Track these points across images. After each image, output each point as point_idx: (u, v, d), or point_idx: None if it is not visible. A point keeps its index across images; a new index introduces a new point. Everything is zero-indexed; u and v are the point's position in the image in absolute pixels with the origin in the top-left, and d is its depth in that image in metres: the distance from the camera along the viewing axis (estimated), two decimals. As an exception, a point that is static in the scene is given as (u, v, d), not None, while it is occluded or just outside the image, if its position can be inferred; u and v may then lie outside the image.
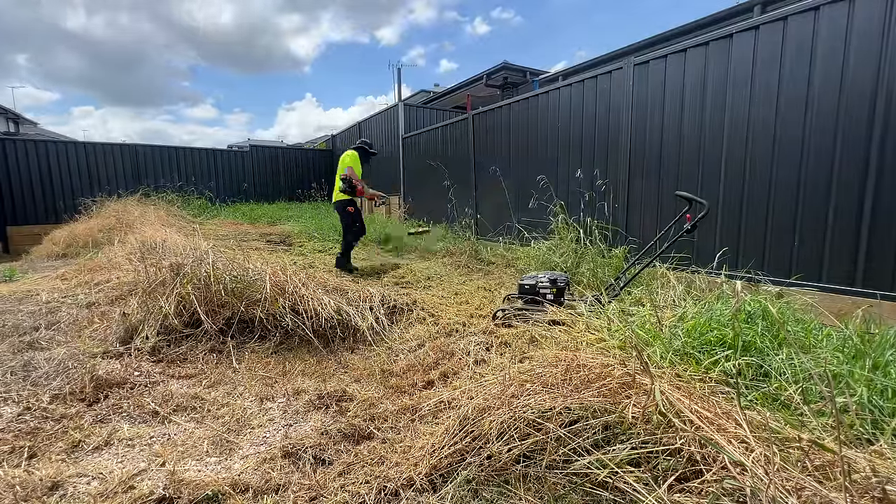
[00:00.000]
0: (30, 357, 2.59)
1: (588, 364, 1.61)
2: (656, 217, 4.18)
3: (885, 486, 0.96)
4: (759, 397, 1.55)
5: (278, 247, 6.92)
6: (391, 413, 1.98)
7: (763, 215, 3.38)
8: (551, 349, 1.96)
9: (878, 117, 2.79)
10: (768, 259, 3.37)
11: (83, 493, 1.52)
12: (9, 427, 1.92)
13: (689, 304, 2.40)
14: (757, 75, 3.36)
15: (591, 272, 4.00)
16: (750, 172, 3.44)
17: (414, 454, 1.62)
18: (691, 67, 3.80)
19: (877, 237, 2.84)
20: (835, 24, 2.94)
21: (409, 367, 2.49)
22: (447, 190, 7.64)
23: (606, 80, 4.60)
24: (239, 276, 2.99)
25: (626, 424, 1.38)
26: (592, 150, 4.83)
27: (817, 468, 1.10)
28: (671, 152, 4.01)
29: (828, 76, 2.99)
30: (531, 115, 5.69)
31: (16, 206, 9.03)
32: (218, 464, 1.71)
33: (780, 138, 3.26)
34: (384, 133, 10.80)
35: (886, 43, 2.74)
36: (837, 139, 2.97)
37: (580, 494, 1.32)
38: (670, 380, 1.52)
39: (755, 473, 1.05)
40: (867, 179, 2.86)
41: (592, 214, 4.75)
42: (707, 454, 1.20)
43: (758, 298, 2.00)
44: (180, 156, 11.61)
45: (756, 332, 1.81)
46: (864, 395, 1.46)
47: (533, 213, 5.54)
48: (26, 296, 4.09)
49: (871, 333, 1.87)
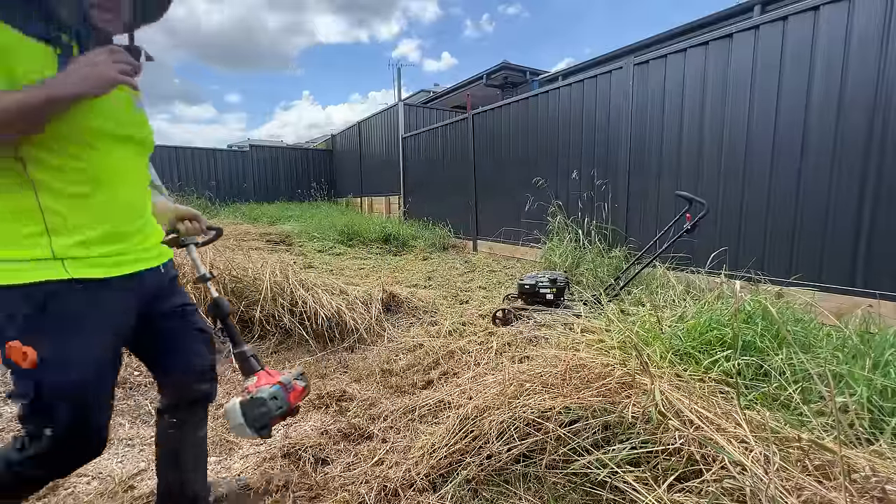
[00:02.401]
0: (29, 357, 2.59)
1: (588, 364, 1.61)
2: (656, 217, 4.18)
3: (884, 486, 0.96)
4: (759, 397, 1.55)
5: (278, 246, 6.92)
6: (391, 413, 1.98)
7: (763, 215, 3.38)
8: (551, 349, 1.96)
9: (877, 116, 2.79)
10: (768, 259, 3.38)
11: (83, 493, 1.52)
12: (9, 427, 1.92)
13: (689, 303, 2.41)
14: (757, 74, 3.36)
15: (591, 272, 4.00)
16: (750, 172, 3.44)
17: (414, 454, 1.62)
18: (691, 67, 3.80)
19: (877, 237, 2.84)
20: (835, 23, 2.94)
21: (409, 366, 2.49)
22: (447, 190, 7.65)
23: (606, 80, 4.60)
24: (238, 275, 2.99)
25: (625, 424, 1.38)
26: (592, 149, 4.83)
27: (817, 468, 1.10)
28: (671, 152, 4.01)
29: (828, 76, 2.99)
30: (531, 115, 5.69)
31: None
32: (218, 464, 1.71)
33: (780, 137, 3.26)
34: (384, 133, 10.80)
35: (887, 43, 2.74)
36: (838, 139, 2.97)
37: (580, 494, 1.32)
38: (670, 380, 1.52)
39: (755, 473, 1.05)
40: (867, 179, 2.86)
41: (592, 214, 4.75)
42: (707, 454, 1.20)
43: (757, 298, 2.00)
44: (180, 155, 11.61)
45: (756, 331, 1.82)
46: (863, 395, 1.46)
47: (533, 213, 5.55)
48: (26, 296, 4.08)
49: (870, 333, 1.87)
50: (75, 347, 0.88)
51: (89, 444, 0.95)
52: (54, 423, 0.88)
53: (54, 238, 0.87)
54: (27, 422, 0.90)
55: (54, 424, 0.88)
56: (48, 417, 0.88)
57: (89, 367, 0.90)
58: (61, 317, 0.87)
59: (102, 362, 0.94)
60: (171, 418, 1.21)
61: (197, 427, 1.26)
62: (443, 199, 7.83)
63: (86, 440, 0.93)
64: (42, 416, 0.88)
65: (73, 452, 0.93)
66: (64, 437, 0.90)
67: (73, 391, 0.88)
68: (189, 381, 1.19)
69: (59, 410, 0.88)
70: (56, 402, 0.88)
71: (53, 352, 0.86)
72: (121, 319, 1.00)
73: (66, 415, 0.89)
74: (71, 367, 0.87)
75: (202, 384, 1.22)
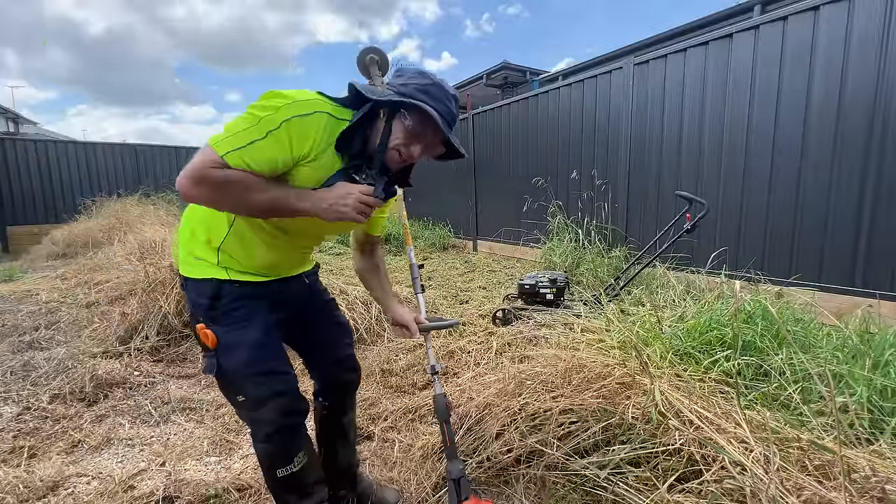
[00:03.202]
0: (30, 357, 2.60)
1: (588, 364, 1.61)
2: (656, 217, 4.18)
3: (884, 486, 0.96)
4: (759, 397, 1.55)
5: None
6: (391, 413, 1.98)
7: (763, 215, 3.38)
8: (551, 349, 1.96)
9: (877, 116, 2.79)
10: (768, 259, 3.38)
11: (83, 493, 1.52)
12: (9, 427, 1.93)
13: (689, 303, 2.40)
14: (757, 74, 3.36)
15: (591, 272, 4.00)
16: (750, 172, 3.44)
17: (414, 454, 1.62)
18: (691, 67, 3.80)
19: (877, 236, 2.84)
20: (835, 24, 2.94)
21: (409, 366, 2.49)
22: (447, 190, 7.64)
23: (606, 80, 4.59)
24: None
25: (625, 425, 1.38)
26: (592, 149, 4.83)
27: (817, 468, 1.10)
28: (671, 152, 4.01)
29: (828, 76, 2.99)
30: (531, 115, 5.69)
31: (15, 206, 9.02)
32: (218, 464, 1.71)
33: (780, 137, 3.26)
34: (384, 133, 10.78)
35: (886, 43, 2.74)
36: (838, 139, 2.97)
37: (580, 494, 1.32)
38: (670, 380, 1.52)
39: (755, 473, 1.05)
40: (867, 179, 2.86)
41: (592, 214, 4.75)
42: (707, 454, 1.20)
43: (757, 298, 2.00)
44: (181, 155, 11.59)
45: (756, 331, 1.81)
46: (863, 395, 1.46)
47: (533, 213, 5.55)
48: (26, 296, 4.09)
49: (870, 333, 1.87)
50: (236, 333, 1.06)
51: (278, 404, 1.07)
52: (241, 393, 1.07)
53: (221, 256, 1.08)
54: (224, 394, 1.11)
55: (240, 394, 1.07)
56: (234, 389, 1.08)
57: (248, 348, 1.05)
58: (226, 307, 1.06)
59: (261, 343, 1.08)
60: (324, 401, 1.38)
61: (344, 412, 1.40)
62: (443, 199, 7.83)
63: (272, 402, 1.06)
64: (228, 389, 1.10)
65: (272, 412, 1.06)
66: (253, 402, 1.06)
67: (239, 368, 1.05)
68: (334, 370, 1.36)
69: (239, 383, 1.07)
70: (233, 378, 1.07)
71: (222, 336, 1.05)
72: (272, 311, 1.14)
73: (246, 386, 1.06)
74: (233, 349, 1.05)
75: (346, 373, 1.38)
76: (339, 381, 1.37)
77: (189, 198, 0.93)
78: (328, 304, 1.36)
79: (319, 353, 1.34)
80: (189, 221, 1.13)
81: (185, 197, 0.92)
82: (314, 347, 1.34)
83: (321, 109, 0.95)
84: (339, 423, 1.39)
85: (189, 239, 1.11)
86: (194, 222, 1.11)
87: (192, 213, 1.13)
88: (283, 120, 0.90)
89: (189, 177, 0.89)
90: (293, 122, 0.91)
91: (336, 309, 1.39)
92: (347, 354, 1.37)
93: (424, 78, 1.01)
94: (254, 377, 1.05)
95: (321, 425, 1.40)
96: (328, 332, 1.34)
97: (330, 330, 1.35)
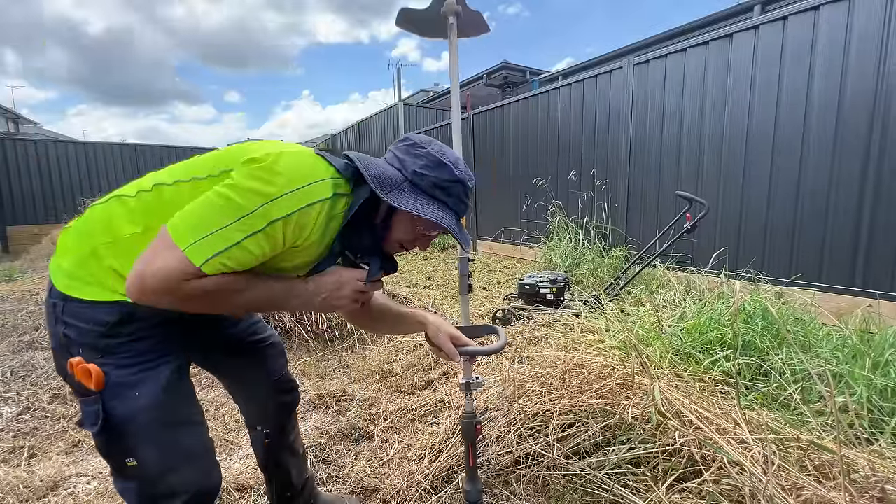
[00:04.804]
0: (30, 357, 2.60)
1: (587, 365, 1.61)
2: (656, 217, 4.18)
3: (884, 486, 0.96)
4: (758, 397, 1.55)
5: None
6: (391, 413, 1.98)
7: (763, 215, 3.38)
8: (551, 349, 1.96)
9: (877, 116, 2.79)
10: (768, 259, 3.38)
11: (83, 493, 1.52)
12: (9, 427, 1.93)
13: (689, 303, 2.40)
14: (757, 74, 3.36)
15: (591, 272, 4.00)
16: (750, 172, 3.44)
17: (414, 454, 1.62)
18: (691, 67, 3.80)
19: (877, 236, 2.84)
20: (835, 23, 2.94)
21: (409, 366, 2.49)
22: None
23: (606, 80, 4.59)
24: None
25: (625, 425, 1.38)
26: (592, 149, 4.83)
27: (817, 468, 1.10)
28: (671, 152, 4.01)
29: (828, 75, 2.99)
30: (531, 115, 5.69)
31: (15, 206, 9.03)
32: (218, 464, 1.71)
33: (780, 137, 3.26)
34: (384, 133, 10.80)
35: (887, 42, 2.74)
36: (838, 139, 2.97)
37: (580, 495, 1.32)
38: (670, 380, 1.52)
39: (753, 473, 1.05)
40: (867, 179, 2.86)
41: (592, 214, 4.75)
42: (706, 454, 1.20)
43: (757, 298, 2.00)
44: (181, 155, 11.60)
45: (756, 331, 1.81)
46: (863, 395, 1.46)
47: (533, 213, 5.55)
48: (26, 296, 4.09)
49: (870, 333, 1.87)
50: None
51: (191, 473, 0.88)
52: (133, 456, 0.83)
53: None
54: (105, 454, 0.89)
55: (132, 457, 0.83)
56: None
57: (153, 390, 0.84)
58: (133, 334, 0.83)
59: (172, 386, 0.87)
60: (263, 430, 1.22)
61: (287, 433, 1.26)
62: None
63: (184, 470, 0.87)
64: None
65: (183, 487, 0.86)
66: (156, 470, 0.84)
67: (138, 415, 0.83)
68: (272, 396, 1.19)
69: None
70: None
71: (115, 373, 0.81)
72: (186, 340, 0.94)
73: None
74: (132, 389, 0.82)
75: (284, 395, 1.22)
76: (277, 405, 1.21)
77: (144, 303, 0.73)
78: (255, 325, 1.17)
79: (251, 382, 1.17)
80: (92, 238, 0.82)
81: (139, 301, 0.72)
82: (244, 376, 1.17)
83: (324, 196, 0.79)
84: (285, 445, 1.26)
85: (87, 256, 0.81)
86: (102, 244, 0.81)
87: (101, 228, 0.83)
88: (280, 217, 0.74)
89: (152, 288, 0.70)
90: (293, 217, 0.75)
91: (265, 328, 1.20)
92: (283, 375, 1.22)
93: (444, 171, 0.87)
94: (160, 430, 0.82)
95: (267, 451, 1.24)
96: (259, 356, 1.16)
97: (261, 354, 1.17)
